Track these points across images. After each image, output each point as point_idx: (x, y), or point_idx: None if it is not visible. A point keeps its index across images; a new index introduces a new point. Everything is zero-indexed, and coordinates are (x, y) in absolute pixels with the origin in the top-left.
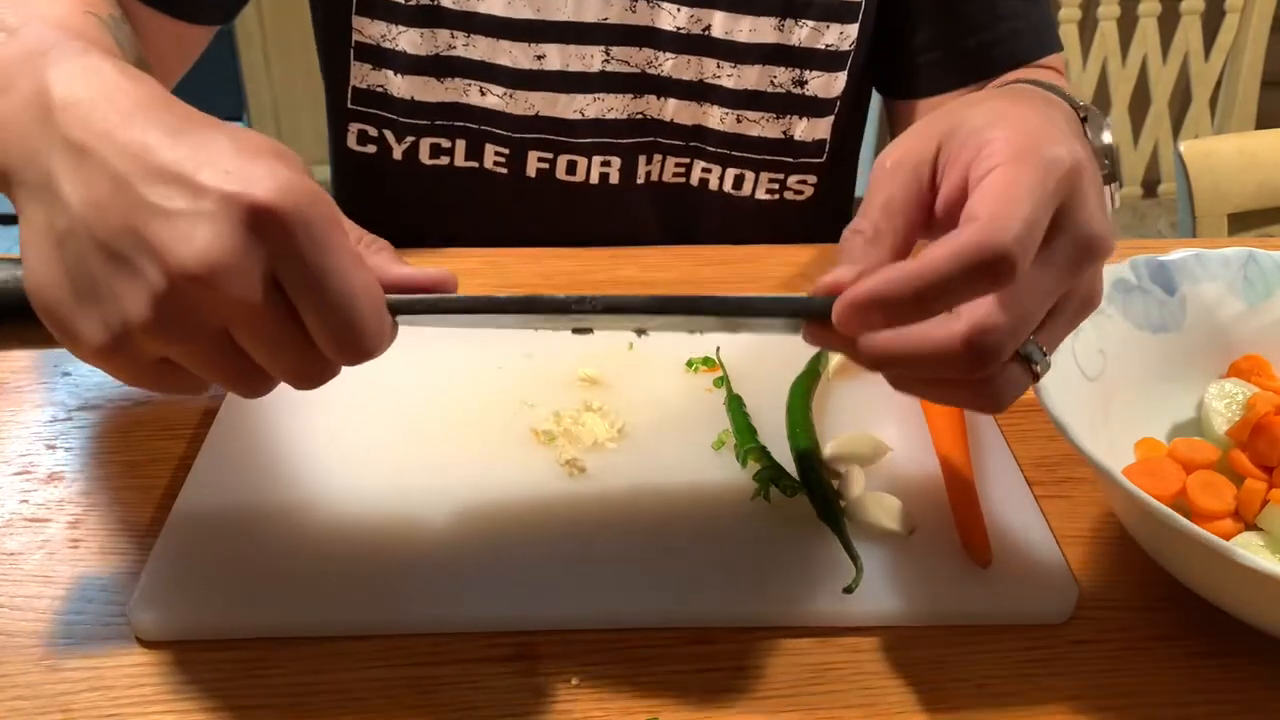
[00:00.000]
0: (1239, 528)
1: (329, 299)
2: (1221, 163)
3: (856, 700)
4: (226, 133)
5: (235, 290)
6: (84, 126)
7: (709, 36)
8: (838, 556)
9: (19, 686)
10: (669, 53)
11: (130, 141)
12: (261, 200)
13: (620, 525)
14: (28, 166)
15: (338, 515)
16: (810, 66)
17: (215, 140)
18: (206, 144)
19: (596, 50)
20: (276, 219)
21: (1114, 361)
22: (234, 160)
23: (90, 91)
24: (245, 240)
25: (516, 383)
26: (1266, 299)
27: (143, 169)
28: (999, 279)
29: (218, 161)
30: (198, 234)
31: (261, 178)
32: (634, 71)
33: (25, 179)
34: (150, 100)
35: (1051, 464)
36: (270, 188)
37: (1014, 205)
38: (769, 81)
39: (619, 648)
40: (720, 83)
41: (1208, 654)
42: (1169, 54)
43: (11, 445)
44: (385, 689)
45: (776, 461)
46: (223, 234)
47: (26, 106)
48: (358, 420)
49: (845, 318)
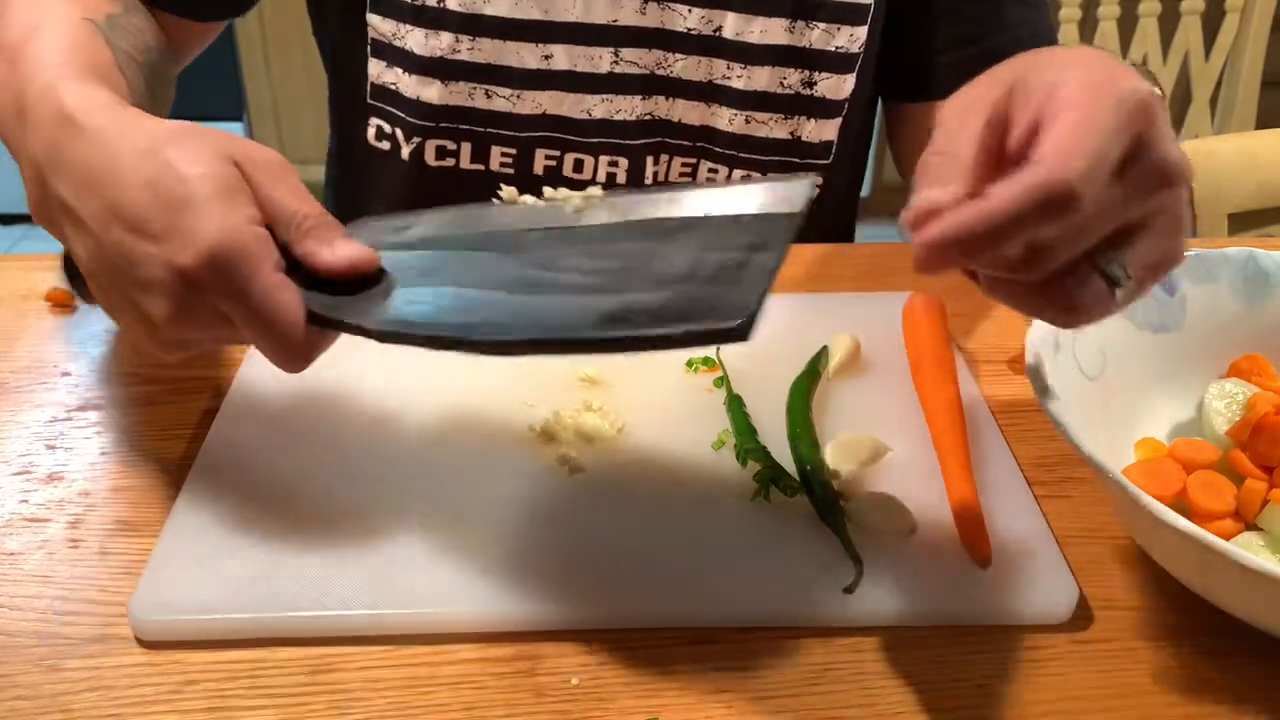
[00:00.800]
0: (1239, 528)
1: (252, 322)
2: (1221, 163)
3: (856, 700)
4: (152, 186)
5: (196, 318)
6: (71, 187)
7: (720, 38)
8: (838, 556)
9: (19, 686)
10: (679, 54)
11: (98, 210)
12: (188, 265)
13: (620, 525)
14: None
15: (338, 515)
16: (820, 68)
17: (148, 202)
18: (145, 208)
19: (605, 51)
20: (202, 274)
21: (1114, 361)
22: (165, 223)
23: (72, 160)
24: (187, 293)
25: (516, 383)
26: (1266, 299)
27: (112, 238)
28: (1065, 213)
29: (154, 227)
30: (158, 299)
31: (186, 243)
32: (643, 73)
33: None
34: (107, 167)
35: (1051, 464)
36: (194, 252)
37: (1080, 143)
38: (779, 83)
39: (619, 648)
40: (730, 84)
41: (1208, 654)
42: (1169, 54)
43: (11, 445)
44: (385, 689)
45: (776, 461)
46: (173, 294)
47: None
48: (358, 421)
49: (922, 256)
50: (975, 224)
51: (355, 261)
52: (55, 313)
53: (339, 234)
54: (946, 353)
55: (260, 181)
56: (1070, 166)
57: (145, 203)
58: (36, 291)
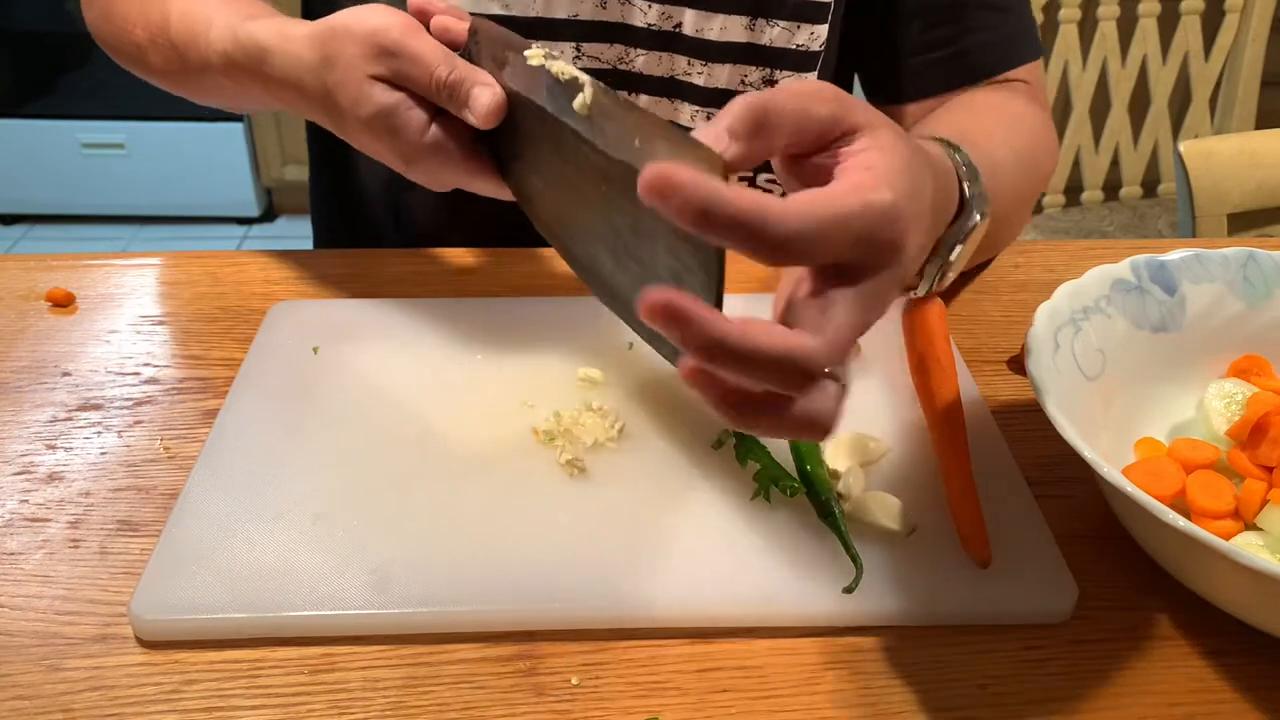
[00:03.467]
0: (1239, 528)
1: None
2: (1221, 163)
3: (856, 700)
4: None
5: (406, 102)
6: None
7: (679, 34)
8: (838, 556)
9: (19, 686)
10: (640, 49)
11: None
12: (381, 47)
13: (620, 525)
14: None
15: (338, 515)
16: (781, 66)
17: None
18: (337, 44)
19: (568, 46)
20: (388, 52)
21: (1114, 361)
22: (356, 44)
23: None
24: (379, 83)
25: (516, 383)
26: (1266, 299)
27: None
28: (757, 253)
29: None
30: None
31: (366, 38)
32: (605, 68)
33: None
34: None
35: (1051, 464)
36: (365, 48)
37: (814, 206)
38: (739, 80)
39: (619, 648)
40: (691, 80)
41: (1208, 654)
42: (1169, 54)
43: (11, 445)
44: (385, 689)
45: (776, 461)
46: (373, 86)
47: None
48: (357, 420)
49: (646, 182)
50: (695, 194)
51: (494, 115)
52: (55, 313)
53: (470, 88)
54: (946, 353)
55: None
56: (784, 222)
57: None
58: (36, 291)
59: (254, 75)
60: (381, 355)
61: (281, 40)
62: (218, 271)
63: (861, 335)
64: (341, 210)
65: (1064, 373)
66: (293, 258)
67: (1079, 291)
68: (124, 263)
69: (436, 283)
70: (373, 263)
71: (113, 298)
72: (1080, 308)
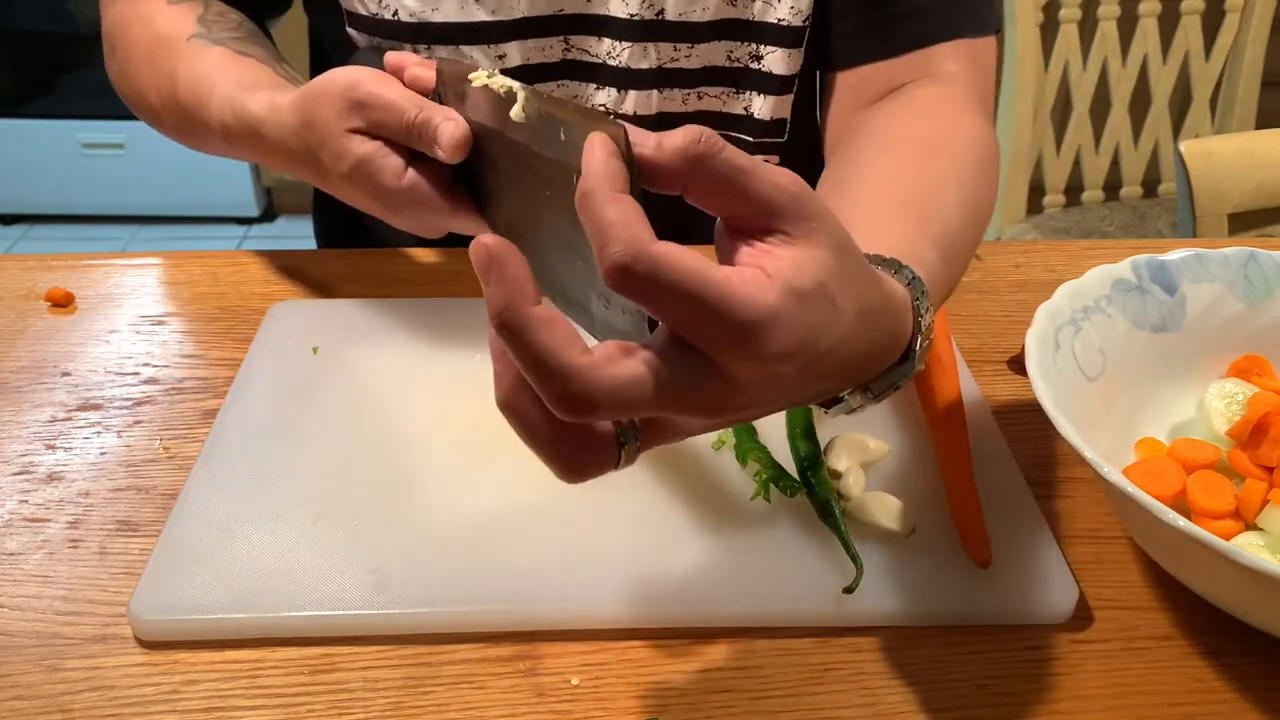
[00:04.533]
0: (1239, 528)
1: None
2: (1221, 163)
3: (856, 700)
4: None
5: (378, 143)
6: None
7: (663, 20)
8: (838, 556)
9: (19, 686)
10: (625, 42)
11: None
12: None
13: (620, 525)
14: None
15: (338, 515)
16: (765, 40)
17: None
18: (315, 105)
19: (556, 41)
20: (362, 104)
21: (1114, 361)
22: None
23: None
24: (356, 135)
25: None
26: (1266, 299)
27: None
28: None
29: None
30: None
31: (340, 95)
32: (595, 61)
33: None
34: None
35: (1051, 464)
36: (340, 104)
37: (684, 258)
38: (726, 56)
39: (619, 648)
40: (679, 64)
41: (1208, 654)
42: (1169, 54)
43: (11, 445)
44: (385, 689)
45: (776, 461)
46: (351, 139)
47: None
48: (357, 420)
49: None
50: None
51: (459, 147)
52: (55, 313)
53: (438, 123)
54: (947, 352)
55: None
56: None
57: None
58: (36, 291)
59: (251, 145)
60: (381, 355)
61: (271, 111)
62: (218, 271)
63: (649, 410)
64: (342, 210)
65: (1064, 373)
66: (293, 258)
67: (1079, 291)
68: (124, 263)
69: (437, 283)
70: (373, 263)
71: (112, 298)
72: (1081, 308)
